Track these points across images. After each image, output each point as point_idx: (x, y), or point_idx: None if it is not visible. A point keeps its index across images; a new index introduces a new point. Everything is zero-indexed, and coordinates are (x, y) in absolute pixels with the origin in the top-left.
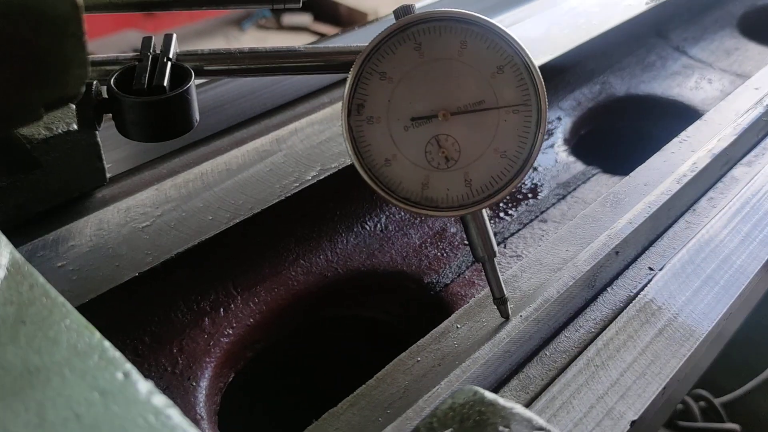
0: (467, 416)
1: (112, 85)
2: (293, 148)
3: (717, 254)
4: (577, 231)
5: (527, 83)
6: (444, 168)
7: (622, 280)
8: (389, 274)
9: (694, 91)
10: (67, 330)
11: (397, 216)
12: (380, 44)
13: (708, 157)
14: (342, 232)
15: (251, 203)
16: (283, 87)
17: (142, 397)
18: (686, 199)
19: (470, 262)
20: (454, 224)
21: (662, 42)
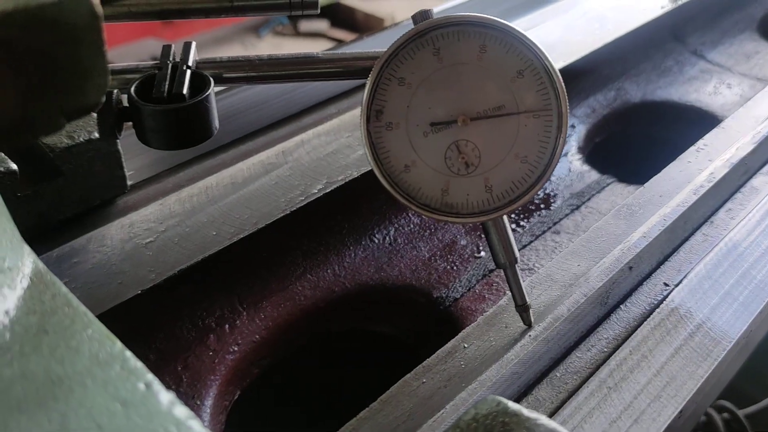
0: (490, 427)
1: (132, 94)
2: (299, 160)
3: (736, 268)
4: (589, 245)
5: (548, 87)
6: (464, 174)
7: (635, 296)
8: (398, 289)
9: (712, 97)
10: (89, 339)
11: (405, 228)
12: (399, 49)
13: (726, 166)
14: (350, 245)
15: (256, 218)
16: (291, 98)
17: (163, 408)
18: (703, 210)
19: (480, 276)
20: (464, 236)
21: (679, 46)
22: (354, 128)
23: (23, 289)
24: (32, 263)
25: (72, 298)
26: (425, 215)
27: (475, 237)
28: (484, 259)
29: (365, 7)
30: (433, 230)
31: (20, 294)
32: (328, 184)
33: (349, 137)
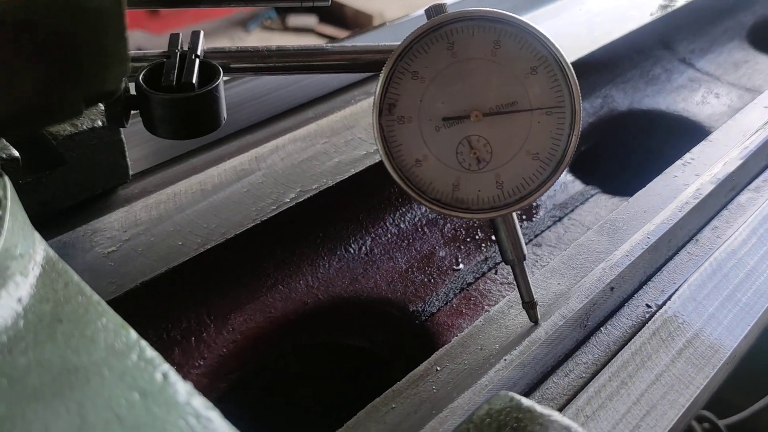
0: (504, 423)
1: (140, 82)
2: (273, 167)
3: (721, 290)
4: (570, 262)
5: (561, 84)
6: (475, 169)
7: (616, 318)
8: (373, 301)
9: (700, 106)
10: (104, 329)
11: (383, 239)
12: (413, 43)
13: (712, 182)
14: (324, 255)
15: (225, 227)
16: (266, 101)
17: (182, 399)
18: (689, 228)
19: (458, 290)
20: (443, 247)
21: (668, 54)
22: (331, 134)
23: (35, 277)
24: (44, 251)
25: (85, 287)
26: (436, 210)
27: (454, 248)
28: (463, 272)
29: (355, 3)
30: (411, 241)
31: (33, 282)
32: (302, 192)
33: (326, 143)
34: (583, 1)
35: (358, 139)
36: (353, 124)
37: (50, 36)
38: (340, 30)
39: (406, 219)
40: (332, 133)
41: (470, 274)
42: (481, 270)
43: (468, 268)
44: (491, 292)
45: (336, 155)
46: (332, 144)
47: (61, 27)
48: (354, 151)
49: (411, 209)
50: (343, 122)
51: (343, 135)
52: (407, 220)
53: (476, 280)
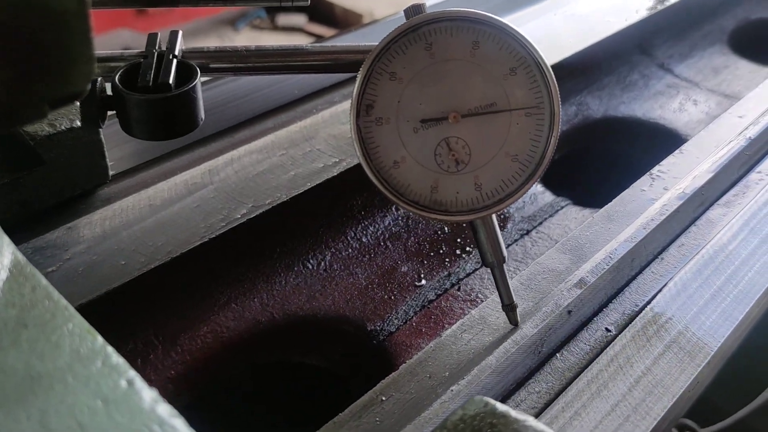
0: (478, 428)
1: (116, 82)
2: (226, 180)
3: (685, 312)
4: (528, 283)
5: (540, 85)
6: (454, 171)
7: (573, 344)
8: (330, 320)
9: (677, 114)
10: (70, 334)
11: (343, 253)
12: (390, 44)
13: (680, 198)
14: (281, 272)
15: (171, 245)
16: (226, 111)
17: (146, 406)
18: (654, 246)
19: (419, 307)
20: (405, 262)
21: (646, 59)
22: (289, 145)
23: (2, 281)
24: (11, 254)
25: (52, 291)
26: (414, 212)
27: (417, 263)
28: (425, 289)
29: (344, 2)
30: (373, 255)
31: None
32: (254, 208)
33: (283, 155)
34: (560, 5)
35: (317, 151)
36: (313, 135)
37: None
38: (330, 29)
39: (369, 232)
40: (290, 144)
41: (432, 291)
42: (443, 286)
43: (430, 285)
44: (453, 310)
45: (293, 168)
46: (290, 156)
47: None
48: (312, 164)
49: (374, 222)
50: (303, 133)
51: (302, 147)
52: (369, 234)
53: (438, 297)
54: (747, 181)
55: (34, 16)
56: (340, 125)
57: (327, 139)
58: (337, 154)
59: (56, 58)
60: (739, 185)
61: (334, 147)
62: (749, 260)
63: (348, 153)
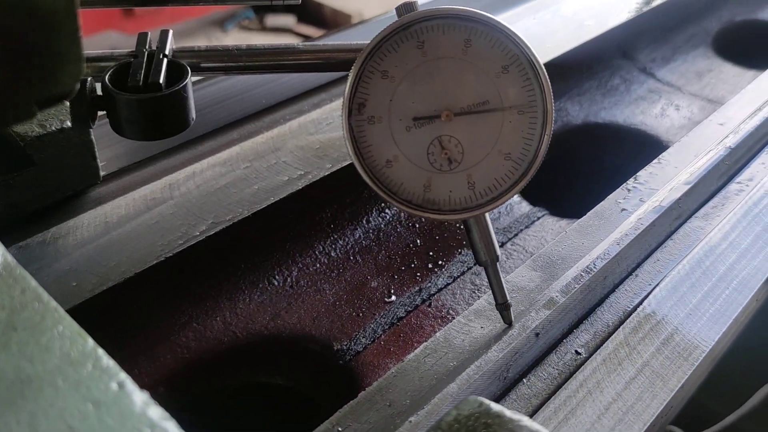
0: (473, 428)
1: (106, 82)
2: (187, 195)
3: (659, 334)
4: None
5: (533, 83)
6: (447, 170)
7: (541, 368)
8: (295, 339)
9: (659, 119)
10: (60, 337)
11: (311, 268)
12: (382, 42)
13: (656, 211)
14: (245, 288)
15: (125, 265)
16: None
17: (137, 409)
18: (628, 262)
19: (388, 325)
20: (375, 277)
21: (628, 63)
22: (254, 157)
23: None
24: (1, 256)
25: (42, 293)
26: (407, 211)
27: (387, 278)
28: (395, 305)
29: (333, 3)
30: (342, 270)
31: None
32: (214, 224)
33: (247, 168)
34: (539, 9)
35: (283, 163)
36: (279, 147)
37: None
38: (319, 30)
39: (338, 246)
40: (255, 156)
41: (402, 308)
42: (414, 302)
43: (400, 301)
44: (422, 328)
45: (256, 181)
46: (254, 169)
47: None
48: (276, 177)
49: (343, 235)
50: (269, 144)
51: (267, 159)
52: (339, 248)
53: (408, 314)
54: (726, 192)
55: (22, 15)
56: (308, 136)
57: (293, 151)
58: (303, 166)
59: (44, 58)
60: (718, 196)
61: (301, 159)
62: (726, 277)
63: (314, 165)
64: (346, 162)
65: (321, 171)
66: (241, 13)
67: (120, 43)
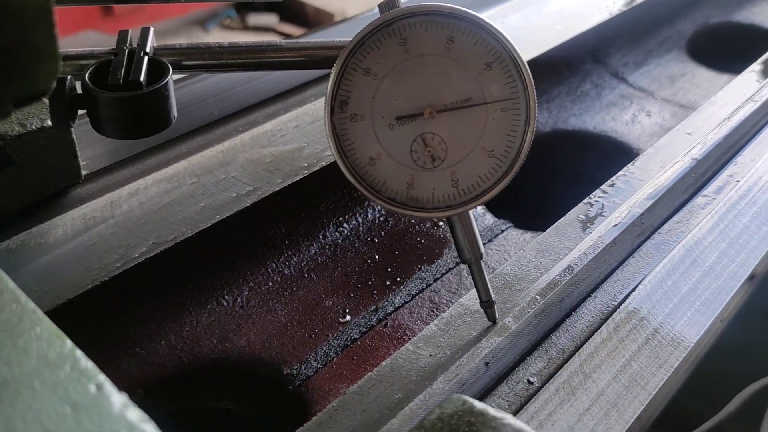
0: (456, 427)
1: (86, 80)
2: (129, 214)
3: (616, 360)
4: (446, 327)
5: (516, 80)
6: (430, 167)
7: (490, 399)
8: (244, 363)
9: (629, 126)
10: (38, 339)
11: (262, 287)
12: (365, 39)
13: (618, 228)
14: (192, 310)
15: (57, 291)
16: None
17: (115, 411)
18: (586, 283)
19: (341, 347)
20: (330, 296)
21: (599, 68)
22: (202, 172)
23: None
24: None
25: (20, 295)
26: (390, 209)
27: (343, 297)
28: (349, 325)
29: (316, 1)
30: (295, 289)
31: None
32: (155, 245)
33: (194, 184)
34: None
35: (232, 178)
36: (229, 161)
37: None
38: (302, 29)
39: (292, 264)
40: (204, 171)
41: (356, 328)
42: (369, 323)
43: (355, 321)
44: (377, 350)
45: (203, 198)
46: (201, 185)
47: None
48: (224, 193)
49: (298, 252)
50: (219, 158)
51: (216, 173)
52: (293, 265)
53: (363, 335)
54: (692, 206)
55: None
56: (260, 149)
57: (244, 165)
58: (252, 181)
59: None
60: (684, 210)
61: (251, 174)
62: (689, 296)
63: (265, 180)
64: (298, 177)
65: (271, 186)
66: (223, 12)
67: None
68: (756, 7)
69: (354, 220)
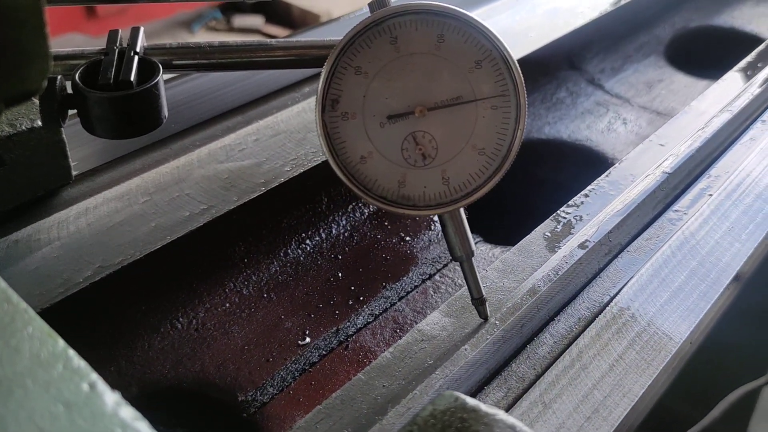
0: (449, 423)
1: (76, 80)
2: (76, 235)
3: (578, 388)
4: (402, 355)
5: (506, 78)
6: (421, 165)
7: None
8: (197, 389)
9: (604, 135)
10: (30, 338)
11: (219, 309)
12: (355, 38)
13: (583, 247)
14: (144, 334)
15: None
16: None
17: (108, 410)
18: (550, 306)
19: (299, 371)
20: (290, 317)
21: (575, 74)
22: (156, 190)
23: None
24: None
25: (12, 294)
26: (382, 207)
27: (303, 317)
28: (308, 348)
29: (301, 3)
30: (254, 310)
31: None
32: (101, 269)
33: (146, 202)
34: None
35: (186, 196)
36: (184, 177)
37: None
38: (287, 30)
39: (251, 283)
40: (157, 188)
41: (316, 351)
42: (329, 345)
43: (315, 343)
44: (336, 375)
45: (154, 218)
46: (153, 203)
47: None
48: (177, 213)
49: (258, 271)
50: (173, 175)
51: (170, 191)
52: (252, 285)
53: (322, 358)
54: (662, 221)
55: None
56: (217, 164)
57: (199, 182)
58: (207, 199)
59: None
60: (654, 226)
61: (206, 191)
62: (656, 319)
63: (220, 198)
64: (254, 194)
65: (227, 205)
66: (209, 13)
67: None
68: (736, 11)
69: (317, 236)
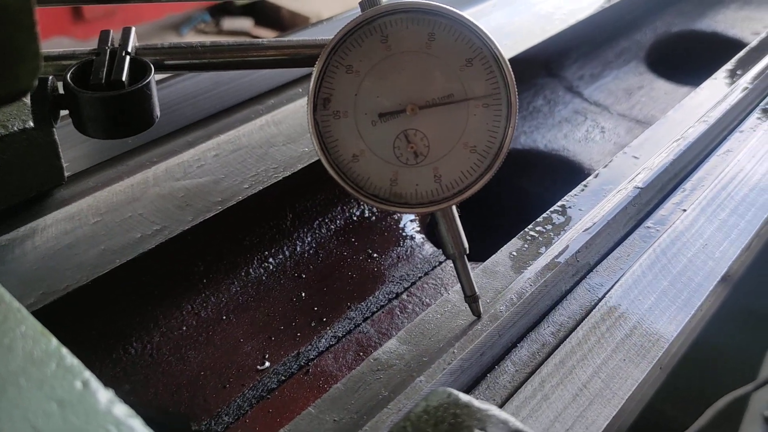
0: (442, 419)
1: (68, 80)
2: (20, 260)
3: (538, 422)
4: (356, 386)
5: (497, 76)
6: (413, 164)
7: None
8: (149, 417)
9: (582, 144)
10: (23, 337)
11: (175, 332)
12: (346, 36)
13: (550, 267)
14: (96, 360)
15: None
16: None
17: (102, 408)
18: (512, 333)
19: (257, 398)
20: (250, 340)
21: (553, 81)
22: (107, 209)
23: None
24: None
25: (4, 294)
26: (374, 205)
27: (263, 340)
28: (267, 373)
29: (291, 5)
30: (212, 333)
31: None
32: (45, 295)
33: (97, 223)
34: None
35: (139, 216)
36: (139, 196)
37: None
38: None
39: (210, 305)
40: (109, 208)
41: (275, 377)
42: (289, 370)
43: (274, 369)
44: (296, 402)
45: (104, 240)
46: (104, 224)
47: None
48: (128, 234)
49: (217, 291)
50: (127, 193)
51: (122, 211)
52: (210, 307)
53: (281, 384)
54: (633, 239)
55: None
56: (173, 182)
57: (154, 201)
58: (160, 219)
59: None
60: (625, 245)
61: (160, 211)
62: (624, 343)
63: (174, 219)
64: (210, 213)
65: (180, 225)
66: (197, 16)
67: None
68: (719, 15)
69: (281, 254)
